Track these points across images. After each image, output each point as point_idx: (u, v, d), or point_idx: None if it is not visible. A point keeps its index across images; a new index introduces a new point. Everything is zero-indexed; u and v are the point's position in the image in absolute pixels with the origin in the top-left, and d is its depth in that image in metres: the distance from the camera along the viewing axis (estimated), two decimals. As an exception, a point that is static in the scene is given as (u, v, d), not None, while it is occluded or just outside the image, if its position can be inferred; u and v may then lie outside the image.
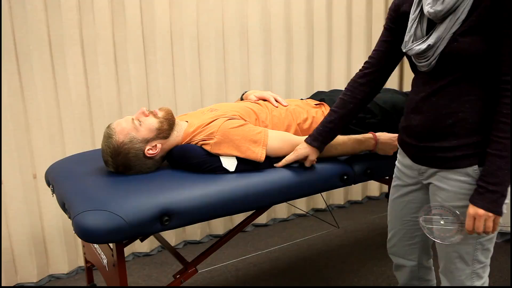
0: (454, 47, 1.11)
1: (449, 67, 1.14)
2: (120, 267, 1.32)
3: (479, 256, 1.25)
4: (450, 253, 1.27)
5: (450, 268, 1.29)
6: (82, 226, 1.19)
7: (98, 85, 2.27)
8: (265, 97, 1.77)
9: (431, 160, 1.23)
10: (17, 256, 2.22)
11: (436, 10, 1.11)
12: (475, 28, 1.08)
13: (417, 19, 1.18)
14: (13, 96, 2.09)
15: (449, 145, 1.18)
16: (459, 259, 1.26)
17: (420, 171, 1.30)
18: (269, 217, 2.96)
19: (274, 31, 2.69)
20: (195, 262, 1.48)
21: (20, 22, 2.05)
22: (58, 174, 1.59)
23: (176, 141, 1.56)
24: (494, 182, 1.10)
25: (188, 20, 2.43)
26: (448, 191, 1.21)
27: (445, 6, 1.10)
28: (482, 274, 1.27)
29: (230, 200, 1.36)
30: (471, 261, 1.25)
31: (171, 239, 2.61)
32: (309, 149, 1.47)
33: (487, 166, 1.11)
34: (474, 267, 1.25)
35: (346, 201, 3.24)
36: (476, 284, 1.27)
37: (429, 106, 1.20)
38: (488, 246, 1.24)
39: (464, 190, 1.18)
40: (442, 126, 1.18)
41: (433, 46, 1.14)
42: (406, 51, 1.21)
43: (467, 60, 1.11)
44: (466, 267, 1.26)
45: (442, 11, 1.11)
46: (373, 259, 2.44)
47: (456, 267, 1.27)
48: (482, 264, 1.26)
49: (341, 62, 2.95)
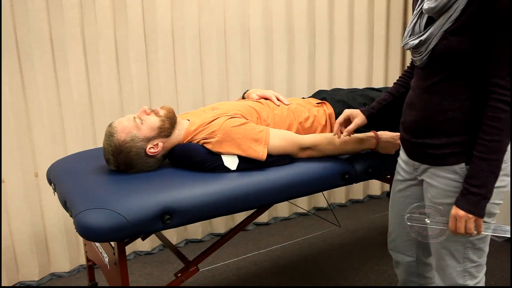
0: (444, 44, 1.13)
1: (440, 65, 1.17)
2: (121, 265, 1.32)
3: (470, 255, 1.25)
4: (440, 250, 1.28)
5: (441, 265, 1.29)
6: (83, 225, 1.19)
7: (99, 83, 2.27)
8: (266, 96, 1.77)
9: (423, 156, 1.25)
10: (18, 254, 2.22)
11: (430, 7, 1.14)
12: (464, 28, 1.10)
13: (417, 15, 1.21)
14: (14, 95, 2.10)
15: (439, 142, 1.19)
16: (449, 256, 1.27)
17: (414, 167, 1.32)
18: (271, 216, 2.96)
19: (275, 30, 2.69)
20: (197, 261, 1.48)
21: (21, 21, 2.05)
22: (59, 172, 1.59)
23: (177, 140, 1.56)
24: (476, 184, 1.11)
25: (189, 19, 2.43)
26: (437, 187, 1.23)
27: (438, 4, 1.13)
28: (475, 273, 1.27)
29: (231, 199, 1.35)
30: (461, 259, 1.25)
31: (173, 237, 2.61)
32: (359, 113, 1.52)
33: (471, 168, 1.13)
34: (466, 266, 1.26)
35: (348, 200, 3.24)
36: (468, 283, 1.27)
37: (423, 103, 1.22)
38: (480, 246, 1.25)
39: (451, 188, 1.20)
40: (433, 123, 1.20)
41: (425, 42, 1.17)
42: (403, 45, 1.25)
43: (455, 59, 1.13)
44: (456, 264, 1.26)
45: (435, 8, 1.13)
46: (375, 258, 2.44)
47: (446, 264, 1.28)
48: (475, 263, 1.26)
49: (343, 61, 2.95)
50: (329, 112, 1.73)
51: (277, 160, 1.52)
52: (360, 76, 3.04)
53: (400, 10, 3.06)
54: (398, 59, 3.13)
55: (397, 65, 3.13)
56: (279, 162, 1.52)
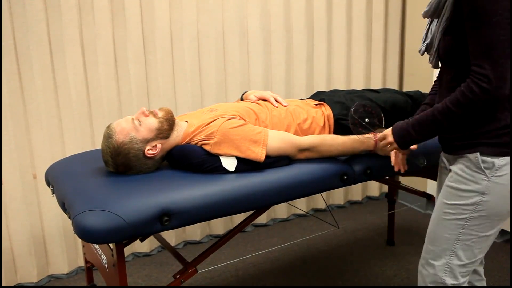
0: (442, 44, 1.22)
1: (447, 64, 1.25)
2: (120, 267, 1.32)
3: (458, 250, 1.26)
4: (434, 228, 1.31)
5: (427, 248, 1.32)
6: (82, 226, 1.19)
7: (98, 85, 2.27)
8: (265, 97, 1.77)
9: (445, 147, 1.34)
10: (17, 256, 2.22)
11: (424, 11, 1.24)
12: (452, 26, 1.18)
13: (428, 22, 1.30)
14: (13, 96, 2.09)
15: (455, 135, 1.26)
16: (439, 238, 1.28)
17: (447, 158, 1.38)
18: (269, 217, 2.96)
19: (274, 31, 2.69)
20: (195, 262, 1.48)
21: (20, 22, 2.05)
22: (58, 174, 1.58)
23: (176, 141, 1.56)
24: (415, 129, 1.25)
25: (188, 20, 2.43)
26: (454, 172, 1.28)
27: (431, 6, 1.22)
28: (457, 275, 1.27)
29: (230, 200, 1.35)
30: (448, 251, 1.26)
31: (171, 239, 2.61)
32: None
33: (422, 115, 1.24)
34: (451, 260, 1.27)
35: (346, 201, 3.24)
36: (446, 280, 1.27)
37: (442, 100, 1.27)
38: (471, 244, 1.25)
39: (464, 174, 1.24)
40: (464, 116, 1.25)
41: (431, 45, 1.27)
42: (419, 51, 1.33)
43: (455, 57, 1.20)
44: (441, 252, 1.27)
45: (429, 11, 1.23)
46: (373, 259, 2.44)
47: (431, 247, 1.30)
48: (461, 263, 1.26)
49: (341, 62, 2.95)
50: (327, 114, 1.74)
51: (275, 162, 1.52)
52: (358, 77, 3.04)
53: (398, 11, 3.06)
54: (396, 60, 3.13)
55: (395, 66, 3.14)
56: (277, 164, 1.52)
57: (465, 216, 1.24)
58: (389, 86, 3.16)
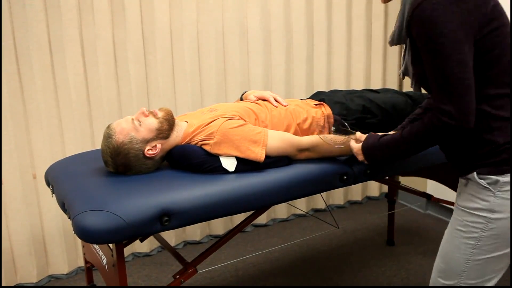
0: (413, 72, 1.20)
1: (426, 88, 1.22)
2: (119, 267, 1.32)
3: (469, 271, 1.21)
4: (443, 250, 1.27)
5: (438, 265, 1.28)
6: (81, 226, 1.19)
7: (98, 85, 2.27)
8: (264, 97, 1.77)
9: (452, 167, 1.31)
10: (16, 256, 2.22)
11: (389, 41, 1.26)
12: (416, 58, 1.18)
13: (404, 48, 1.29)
14: (13, 96, 2.09)
15: (455, 157, 1.24)
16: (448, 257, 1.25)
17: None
18: (269, 217, 2.96)
19: (274, 31, 2.69)
20: (195, 262, 1.48)
21: (20, 22, 2.05)
22: (58, 174, 1.58)
23: (176, 141, 1.56)
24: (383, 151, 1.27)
25: (188, 20, 2.43)
26: (460, 191, 1.26)
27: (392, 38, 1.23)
28: None
29: (229, 200, 1.35)
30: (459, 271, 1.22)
31: (171, 239, 2.61)
32: None
33: (391, 139, 1.24)
34: (461, 280, 1.22)
35: (346, 201, 3.24)
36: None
37: None
38: (483, 264, 1.20)
39: (472, 192, 1.19)
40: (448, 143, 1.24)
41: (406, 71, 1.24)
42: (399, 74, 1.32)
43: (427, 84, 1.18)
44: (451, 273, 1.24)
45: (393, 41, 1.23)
46: (373, 259, 2.44)
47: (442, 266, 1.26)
48: (472, 282, 1.21)
49: (341, 62, 2.95)
50: (327, 114, 1.73)
51: (275, 162, 1.52)
52: (358, 77, 3.04)
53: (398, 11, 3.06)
54: (396, 60, 3.13)
55: (395, 66, 3.14)
56: (277, 164, 1.52)
57: (475, 236, 1.19)
58: (389, 86, 3.16)
